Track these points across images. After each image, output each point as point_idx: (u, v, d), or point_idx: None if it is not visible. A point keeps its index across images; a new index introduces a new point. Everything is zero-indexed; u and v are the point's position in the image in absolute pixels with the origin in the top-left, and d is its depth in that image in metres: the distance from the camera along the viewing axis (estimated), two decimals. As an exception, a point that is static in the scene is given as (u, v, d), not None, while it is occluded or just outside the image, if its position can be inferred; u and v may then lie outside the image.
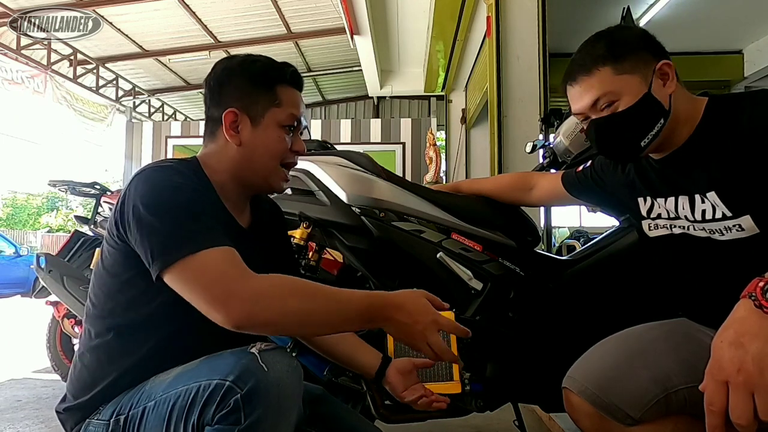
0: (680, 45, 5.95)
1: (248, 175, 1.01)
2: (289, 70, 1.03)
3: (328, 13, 7.02)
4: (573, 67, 1.02)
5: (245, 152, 0.99)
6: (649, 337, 1.03)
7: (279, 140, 1.00)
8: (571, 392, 1.02)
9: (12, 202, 26.49)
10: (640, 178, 1.11)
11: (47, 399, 2.58)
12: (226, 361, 0.80)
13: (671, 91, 0.98)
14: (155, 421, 0.83)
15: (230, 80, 1.01)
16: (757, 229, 0.91)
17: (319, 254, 1.49)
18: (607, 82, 0.97)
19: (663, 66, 0.98)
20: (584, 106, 1.01)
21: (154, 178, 0.91)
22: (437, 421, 1.40)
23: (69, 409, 0.95)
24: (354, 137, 6.91)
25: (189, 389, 0.80)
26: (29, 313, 6.51)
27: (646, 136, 0.97)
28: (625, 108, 0.97)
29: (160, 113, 10.88)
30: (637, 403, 0.95)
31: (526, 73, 3.12)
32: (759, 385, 0.66)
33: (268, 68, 1.01)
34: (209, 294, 0.80)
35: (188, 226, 0.85)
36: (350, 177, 1.43)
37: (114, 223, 0.91)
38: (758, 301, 0.69)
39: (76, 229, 2.95)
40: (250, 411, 0.76)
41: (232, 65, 1.02)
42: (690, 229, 1.03)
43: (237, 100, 0.99)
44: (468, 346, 1.36)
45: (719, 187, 0.94)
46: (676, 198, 1.03)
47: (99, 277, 0.96)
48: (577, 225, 8.49)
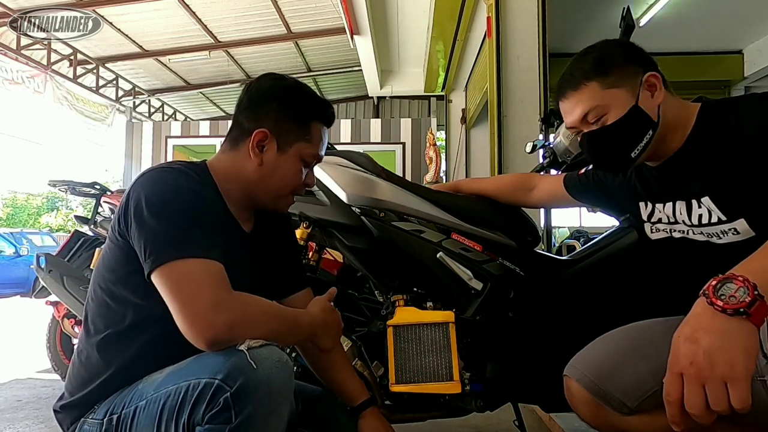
0: (680, 45, 5.96)
1: (259, 194, 1.03)
2: (329, 111, 1.08)
3: (328, 13, 7.03)
4: (562, 83, 1.05)
5: (263, 173, 1.01)
6: (651, 331, 1.04)
7: (297, 172, 1.04)
8: (571, 379, 1.05)
9: (12, 202, 26.48)
10: (640, 184, 1.13)
11: (47, 399, 2.57)
12: (215, 360, 0.80)
13: (659, 102, 1.00)
14: (146, 421, 0.84)
15: (273, 100, 1.02)
16: (752, 231, 0.93)
17: (319, 254, 1.49)
18: (595, 96, 1.00)
19: (650, 78, 0.99)
20: (575, 120, 1.04)
21: (161, 178, 0.92)
22: (437, 421, 1.40)
23: (65, 407, 0.96)
24: (354, 137, 6.92)
25: (179, 388, 0.81)
26: (29, 313, 6.51)
27: (636, 147, 0.99)
28: (613, 121, 0.99)
29: (160, 113, 10.88)
30: (634, 393, 0.97)
31: (526, 73, 3.12)
32: (709, 377, 0.69)
33: (311, 103, 1.05)
34: (188, 308, 0.82)
35: (185, 231, 0.86)
36: (350, 177, 1.43)
37: (117, 220, 0.92)
38: (710, 298, 0.73)
39: (76, 229, 2.95)
40: (240, 409, 0.76)
41: (280, 87, 1.04)
42: (689, 233, 1.05)
43: (272, 122, 1.01)
44: (468, 346, 1.36)
45: (713, 192, 0.96)
46: (673, 203, 1.05)
47: (99, 274, 0.97)
48: (577, 225, 8.48)
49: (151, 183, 0.91)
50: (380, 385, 1.32)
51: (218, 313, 0.82)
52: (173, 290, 0.83)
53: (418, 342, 1.29)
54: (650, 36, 5.33)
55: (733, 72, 6.21)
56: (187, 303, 0.82)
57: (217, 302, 0.82)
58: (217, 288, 0.84)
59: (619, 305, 1.37)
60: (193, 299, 0.82)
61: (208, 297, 0.82)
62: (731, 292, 0.72)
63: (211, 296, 0.82)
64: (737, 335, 0.70)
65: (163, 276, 0.84)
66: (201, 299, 0.82)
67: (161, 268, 0.84)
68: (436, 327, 1.30)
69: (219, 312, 0.82)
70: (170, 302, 0.84)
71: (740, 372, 0.68)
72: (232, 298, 0.85)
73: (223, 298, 0.84)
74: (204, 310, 0.81)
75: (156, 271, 0.84)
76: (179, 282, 0.83)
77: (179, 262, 0.84)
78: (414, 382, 1.28)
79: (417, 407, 1.35)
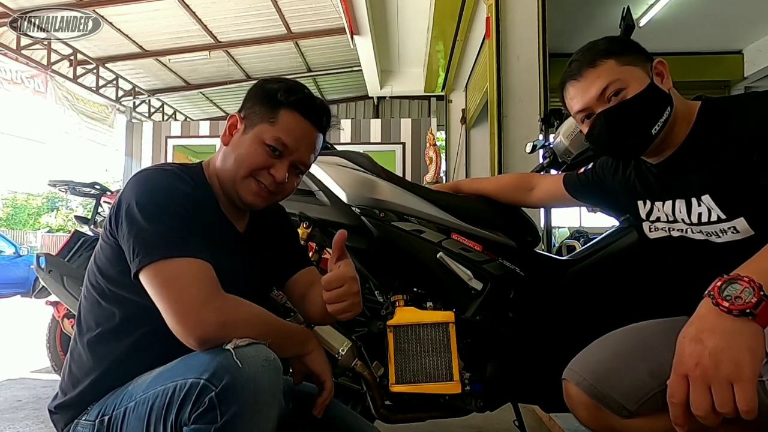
0: (680, 45, 5.96)
1: (224, 177, 1.01)
2: (299, 95, 1.01)
3: (328, 13, 7.03)
4: (574, 66, 1.04)
5: (226, 152, 1.01)
6: (649, 332, 1.04)
7: (254, 153, 0.98)
8: (570, 383, 1.05)
9: (12, 202, 26.48)
10: (639, 182, 1.13)
11: (47, 399, 2.56)
12: (201, 360, 0.80)
13: (668, 88, 1.00)
14: (135, 422, 0.84)
15: (253, 93, 1.03)
16: (752, 230, 0.92)
17: (319, 254, 1.49)
18: (613, 71, 0.99)
19: (658, 65, 1.01)
20: (592, 97, 1.01)
21: (153, 179, 0.92)
22: (437, 421, 1.40)
23: (60, 407, 0.96)
24: (354, 137, 6.91)
25: (166, 389, 0.81)
26: (29, 313, 6.51)
27: (657, 123, 0.98)
28: (633, 95, 0.98)
29: (160, 113, 10.88)
30: (633, 396, 0.97)
31: (526, 73, 3.12)
32: (715, 378, 0.69)
33: (281, 90, 1.00)
34: (177, 306, 0.82)
35: (173, 232, 0.86)
36: (350, 177, 1.43)
37: (108, 220, 0.93)
38: (715, 299, 0.73)
39: (76, 229, 2.95)
40: (225, 409, 0.76)
41: (264, 82, 1.04)
42: (688, 232, 1.04)
43: (245, 108, 1.02)
44: (468, 346, 1.36)
45: (713, 191, 0.96)
46: (673, 202, 1.05)
47: (90, 273, 0.98)
48: (577, 225, 8.48)
49: (142, 184, 0.91)
50: (380, 385, 1.32)
51: (208, 311, 0.82)
52: (161, 290, 0.83)
53: (418, 342, 1.29)
54: (650, 36, 5.33)
55: (733, 72, 6.21)
56: (175, 302, 0.82)
57: (206, 300, 0.83)
58: (205, 286, 0.84)
59: (619, 305, 1.37)
60: (181, 298, 0.82)
61: (196, 295, 0.82)
62: (737, 293, 0.71)
63: (199, 295, 0.83)
64: (743, 336, 0.69)
65: (150, 275, 0.84)
66: (189, 298, 0.82)
67: (148, 268, 0.84)
68: (436, 327, 1.30)
69: (209, 310, 0.82)
70: (159, 302, 0.84)
71: (746, 373, 0.67)
72: (221, 297, 0.85)
73: (212, 297, 0.84)
74: (193, 309, 0.82)
75: (143, 271, 0.85)
76: (167, 281, 0.83)
77: (167, 261, 0.84)
78: (414, 382, 1.28)
79: (417, 407, 1.35)
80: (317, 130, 1.03)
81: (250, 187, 0.99)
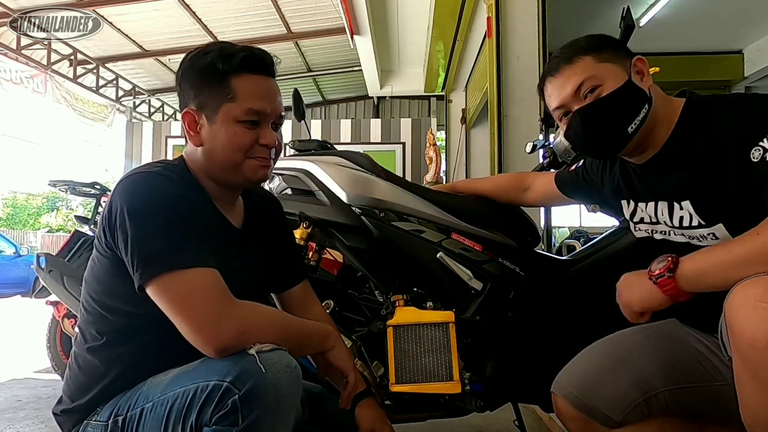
0: (680, 45, 5.96)
1: (218, 174, 0.98)
2: (239, 56, 0.94)
3: (328, 13, 7.02)
4: (553, 62, 1.04)
5: (207, 152, 0.96)
6: (632, 341, 1.06)
7: (237, 136, 0.94)
8: (558, 396, 1.07)
9: (12, 202, 26.47)
10: (624, 181, 1.12)
11: (47, 399, 2.57)
12: (224, 363, 0.80)
13: (648, 86, 0.99)
14: (153, 423, 0.83)
15: (186, 78, 0.97)
16: (731, 237, 0.91)
17: (319, 254, 1.49)
18: (590, 68, 0.99)
19: (637, 62, 1.00)
20: (568, 94, 1.00)
21: (140, 185, 0.89)
22: (437, 421, 1.40)
23: (66, 412, 0.95)
24: (354, 137, 6.90)
25: (187, 390, 0.81)
26: (29, 313, 6.50)
27: (633, 121, 0.97)
28: (609, 92, 0.97)
29: (160, 113, 10.87)
30: (618, 407, 0.99)
31: (526, 73, 3.11)
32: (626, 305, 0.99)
33: (217, 59, 0.93)
34: (193, 319, 0.82)
35: (173, 241, 0.85)
36: (350, 177, 1.43)
37: (102, 231, 0.90)
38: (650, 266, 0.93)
39: (76, 229, 2.94)
40: (248, 412, 0.76)
41: (188, 61, 0.97)
42: (670, 234, 1.04)
43: (192, 99, 0.95)
44: (468, 346, 1.36)
45: (692, 196, 0.96)
46: (656, 203, 1.05)
47: (88, 284, 0.96)
48: (577, 225, 8.50)
49: (131, 191, 0.88)
50: (380, 385, 1.32)
51: (225, 322, 0.82)
52: (173, 305, 0.83)
53: (418, 342, 1.30)
54: (650, 36, 5.33)
55: (733, 72, 6.20)
56: (189, 317, 0.82)
57: (221, 311, 0.82)
58: (218, 297, 0.84)
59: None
60: (195, 313, 0.82)
61: (211, 308, 0.82)
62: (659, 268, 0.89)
63: (214, 307, 0.82)
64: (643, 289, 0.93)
65: (158, 290, 0.83)
66: (204, 311, 0.82)
67: (156, 282, 0.83)
68: (436, 327, 1.30)
69: (225, 321, 0.82)
70: (172, 316, 0.83)
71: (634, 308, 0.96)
72: (236, 306, 0.85)
73: (227, 307, 0.83)
74: (210, 321, 0.81)
75: (150, 285, 0.83)
76: (178, 295, 0.82)
77: (173, 274, 0.83)
78: (414, 382, 1.28)
79: (417, 407, 1.35)
80: (270, 76, 0.99)
81: (251, 166, 0.97)
